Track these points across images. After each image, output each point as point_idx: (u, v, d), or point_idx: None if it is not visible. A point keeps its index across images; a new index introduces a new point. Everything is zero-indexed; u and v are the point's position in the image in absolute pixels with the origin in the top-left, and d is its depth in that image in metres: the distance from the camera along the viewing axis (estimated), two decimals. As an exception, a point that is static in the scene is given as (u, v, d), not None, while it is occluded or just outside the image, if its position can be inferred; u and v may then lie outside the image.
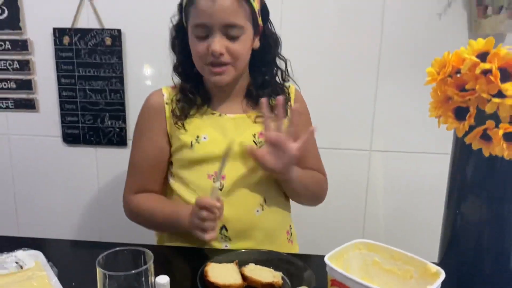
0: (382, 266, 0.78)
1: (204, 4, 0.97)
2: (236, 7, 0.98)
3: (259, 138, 1.09)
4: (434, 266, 0.72)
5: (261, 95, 1.09)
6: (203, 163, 1.07)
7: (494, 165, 0.73)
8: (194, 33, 1.01)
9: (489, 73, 0.64)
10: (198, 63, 1.05)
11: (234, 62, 1.02)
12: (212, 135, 1.07)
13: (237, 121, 1.10)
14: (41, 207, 1.78)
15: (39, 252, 0.91)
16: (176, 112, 1.08)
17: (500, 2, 1.41)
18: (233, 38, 1.00)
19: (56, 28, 1.60)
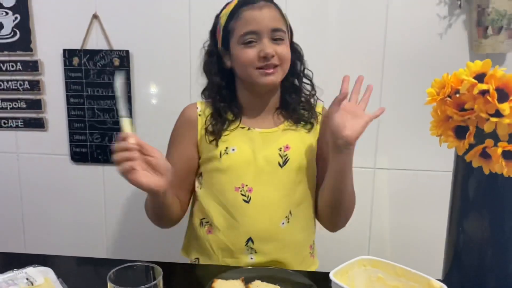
0: (386, 283, 0.79)
1: (251, 13, 1.07)
2: (279, 16, 1.10)
3: (284, 151, 1.13)
4: (437, 282, 0.73)
5: (292, 105, 1.17)
6: (230, 174, 1.11)
7: (494, 182, 0.75)
8: (242, 42, 1.08)
9: (486, 94, 0.66)
10: (246, 70, 1.09)
11: (281, 64, 1.09)
12: (241, 147, 1.12)
13: (265, 135, 1.15)
14: (49, 225, 1.80)
15: (49, 268, 0.93)
16: (209, 130, 1.14)
17: (499, 22, 1.44)
18: (279, 42, 1.08)
19: (66, 49, 1.64)
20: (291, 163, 1.12)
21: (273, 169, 1.11)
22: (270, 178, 1.11)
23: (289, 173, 1.12)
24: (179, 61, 1.63)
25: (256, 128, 1.15)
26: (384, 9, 1.55)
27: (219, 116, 1.14)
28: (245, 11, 1.08)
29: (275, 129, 1.16)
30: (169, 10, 1.60)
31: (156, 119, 1.69)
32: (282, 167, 1.12)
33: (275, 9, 1.10)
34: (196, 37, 1.61)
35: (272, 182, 1.11)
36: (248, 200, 1.09)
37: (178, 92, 1.66)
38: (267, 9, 1.08)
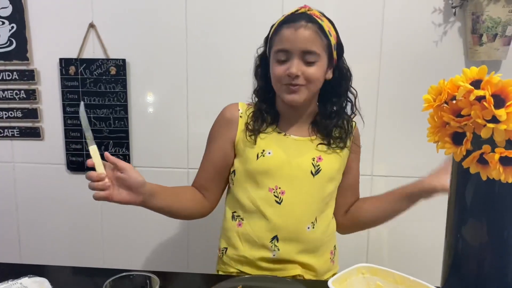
0: None
1: (287, 32, 1.11)
2: (314, 37, 1.11)
3: (317, 162, 1.18)
4: None
5: (327, 124, 1.21)
6: (265, 176, 1.16)
7: (492, 188, 0.74)
8: (275, 58, 1.13)
9: (483, 100, 0.66)
10: (276, 84, 1.16)
11: (307, 84, 1.13)
12: (276, 151, 1.17)
13: (299, 143, 1.20)
14: (45, 235, 1.79)
15: (44, 279, 0.92)
16: (250, 126, 1.19)
17: (494, 30, 1.45)
18: (309, 64, 1.11)
19: (63, 59, 1.64)
20: (323, 174, 1.18)
21: (305, 176, 1.17)
22: (302, 184, 1.17)
23: (320, 182, 1.18)
24: (175, 70, 1.64)
25: (291, 135, 1.21)
26: (380, 17, 1.56)
27: (260, 116, 1.20)
28: (283, 28, 1.12)
29: (307, 139, 1.21)
30: (165, 19, 1.61)
31: (152, 128, 1.69)
32: (314, 176, 1.17)
33: (313, 31, 1.11)
34: (193, 45, 1.62)
35: (303, 188, 1.17)
36: (280, 201, 1.15)
37: (175, 101, 1.66)
38: (303, 30, 1.10)
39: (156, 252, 1.74)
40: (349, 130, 1.24)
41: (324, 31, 1.13)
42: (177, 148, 1.70)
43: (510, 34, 1.46)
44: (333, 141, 1.21)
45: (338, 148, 1.22)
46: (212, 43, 1.62)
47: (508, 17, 1.44)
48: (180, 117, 1.67)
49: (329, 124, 1.21)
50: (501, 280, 0.79)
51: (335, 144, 1.21)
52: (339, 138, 1.22)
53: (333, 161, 1.21)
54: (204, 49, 1.62)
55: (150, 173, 1.71)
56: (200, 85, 1.64)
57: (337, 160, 1.22)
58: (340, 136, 1.22)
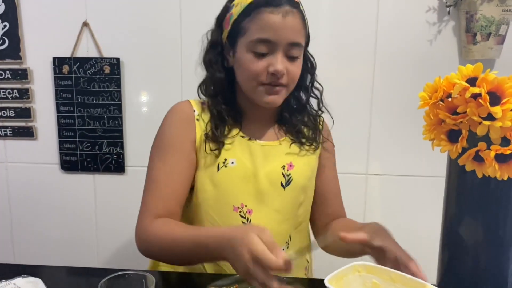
0: None
1: (273, 18, 0.90)
2: (301, 27, 0.94)
3: (288, 170, 1.02)
4: (432, 287, 0.72)
5: (295, 122, 1.05)
6: (229, 192, 0.99)
7: (488, 186, 0.75)
8: (252, 49, 0.93)
9: (479, 97, 0.66)
10: (249, 82, 0.96)
11: (288, 85, 0.97)
12: (241, 161, 0.99)
13: (267, 149, 1.03)
14: (39, 235, 1.77)
15: (38, 279, 0.91)
16: (210, 136, 0.99)
17: (488, 29, 1.46)
18: (293, 60, 0.95)
19: (56, 57, 1.63)
20: (295, 184, 1.02)
21: (275, 190, 1.00)
22: (271, 199, 1.00)
23: (291, 195, 1.02)
24: (170, 69, 1.63)
25: (257, 139, 1.03)
26: (374, 16, 1.56)
27: (221, 121, 1.00)
28: (265, 12, 0.91)
29: (276, 143, 1.04)
30: (159, 18, 1.60)
31: (147, 127, 1.68)
32: (285, 188, 1.01)
33: (299, 18, 0.93)
34: (187, 44, 1.61)
35: (273, 204, 1.00)
36: (248, 222, 0.98)
37: (169, 101, 1.64)
38: (292, 17, 0.91)
39: (151, 252, 1.73)
40: (318, 127, 1.09)
41: (305, 19, 0.97)
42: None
43: (503, 33, 1.47)
44: (306, 140, 1.06)
45: (311, 149, 1.06)
46: (207, 42, 1.61)
47: (501, 16, 1.45)
48: (175, 116, 1.66)
49: (297, 122, 1.05)
50: (496, 277, 0.79)
51: (308, 143, 1.06)
52: (309, 138, 1.07)
53: (305, 167, 1.05)
54: (199, 48, 1.61)
55: (144, 173, 1.70)
56: (195, 84, 1.63)
57: (310, 163, 1.07)
58: (311, 135, 1.07)
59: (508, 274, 0.80)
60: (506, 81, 0.66)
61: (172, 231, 0.90)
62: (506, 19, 1.45)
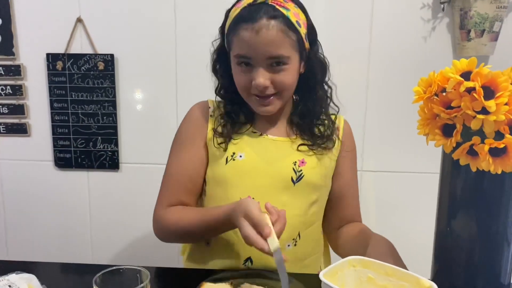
0: (377, 283, 0.79)
1: (247, 35, 0.91)
2: (281, 38, 0.92)
3: (299, 166, 1.01)
4: (427, 280, 0.73)
5: (306, 122, 1.05)
6: (235, 184, 1.00)
7: (481, 180, 0.75)
8: (237, 63, 0.97)
9: (473, 91, 0.66)
10: (242, 93, 1.00)
11: (280, 92, 0.97)
12: (250, 154, 1.01)
13: (278, 144, 1.03)
14: (32, 231, 1.77)
15: (32, 275, 0.90)
16: (219, 131, 1.03)
17: (482, 25, 1.46)
18: (278, 70, 0.94)
19: (50, 54, 1.62)
20: (306, 181, 1.01)
21: (285, 185, 1.00)
22: (280, 195, 1.00)
23: (302, 191, 1.02)
24: (165, 65, 1.62)
25: (269, 134, 1.04)
26: (369, 13, 1.56)
27: (230, 118, 1.04)
28: (241, 28, 0.92)
29: (288, 139, 1.05)
30: (154, 14, 1.59)
31: (141, 124, 1.68)
32: (295, 184, 1.01)
33: (278, 30, 0.91)
34: (182, 41, 1.61)
35: (282, 200, 1.00)
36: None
37: (164, 97, 1.65)
38: (266, 31, 0.90)
39: (146, 247, 1.72)
40: (333, 126, 1.08)
41: (292, 24, 0.93)
42: (166, 145, 1.67)
43: (497, 29, 1.48)
44: (317, 141, 1.04)
45: (323, 149, 1.04)
46: (202, 39, 1.61)
47: (495, 13, 1.45)
48: (170, 113, 1.65)
49: (308, 122, 1.05)
50: (490, 272, 0.80)
51: (319, 144, 1.04)
52: (323, 137, 1.05)
53: (318, 165, 1.04)
54: (193, 44, 1.61)
55: (139, 170, 1.70)
56: (189, 80, 1.63)
57: (324, 163, 1.05)
58: (324, 134, 1.05)
59: (501, 267, 0.80)
60: (500, 75, 0.66)
61: (184, 215, 1.00)
62: (500, 16, 1.46)
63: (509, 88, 0.65)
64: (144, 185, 1.69)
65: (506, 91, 0.65)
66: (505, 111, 0.65)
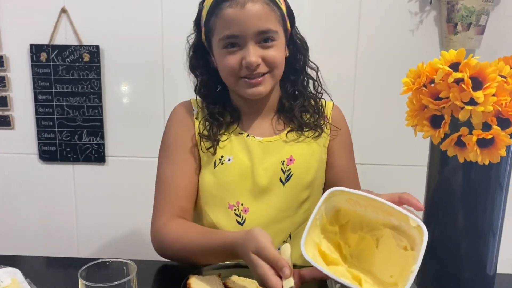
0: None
1: (232, 12, 0.88)
2: (267, 11, 0.90)
3: (287, 165, 0.99)
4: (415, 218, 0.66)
5: (293, 107, 1.02)
6: (224, 189, 0.99)
7: (469, 171, 0.75)
8: (223, 46, 0.92)
9: (461, 82, 0.66)
10: (229, 78, 0.96)
11: (271, 70, 0.94)
12: (238, 157, 0.99)
13: (265, 145, 1.01)
14: (17, 225, 1.74)
15: (16, 269, 0.89)
16: (205, 134, 1.00)
17: (468, 19, 1.47)
18: (268, 46, 0.92)
19: (33, 45, 1.59)
20: (295, 179, 1.00)
21: (273, 186, 0.99)
22: (269, 196, 0.99)
23: (292, 191, 1.00)
24: (151, 57, 1.61)
25: (255, 135, 1.02)
26: (357, 6, 1.56)
27: (214, 120, 1.00)
28: (225, 8, 0.89)
29: (276, 138, 1.02)
30: (141, 4, 1.57)
31: (128, 117, 1.66)
32: (284, 184, 0.99)
33: (262, 2, 0.90)
34: (169, 32, 1.59)
35: (271, 202, 0.98)
36: (242, 222, 0.98)
37: (151, 90, 1.63)
38: (251, 5, 0.88)
39: (132, 241, 1.71)
40: (320, 110, 1.05)
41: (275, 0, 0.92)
42: (152, 138, 1.66)
43: (483, 23, 1.49)
44: (305, 126, 1.02)
45: (312, 137, 1.02)
46: (189, 30, 1.59)
47: (481, 6, 1.46)
48: (156, 105, 1.64)
49: (294, 106, 1.02)
50: (476, 263, 0.81)
51: (308, 129, 1.02)
52: (311, 123, 1.03)
53: (306, 160, 1.02)
54: (180, 36, 1.59)
55: (125, 163, 1.68)
56: (176, 73, 1.62)
57: (313, 155, 1.03)
58: (312, 121, 1.03)
59: (487, 259, 0.81)
60: (488, 66, 0.66)
61: (185, 233, 0.93)
62: (486, 10, 1.47)
63: (497, 79, 0.65)
64: (130, 179, 1.68)
65: (494, 82, 0.65)
66: (493, 102, 0.65)
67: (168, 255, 0.98)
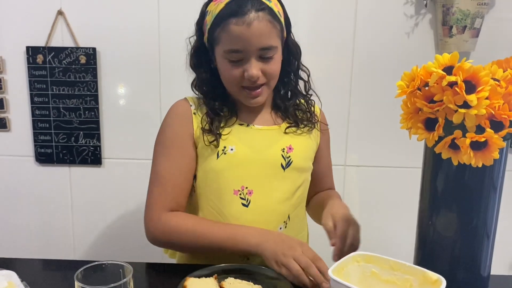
0: (381, 277, 0.78)
1: (239, 30, 0.94)
2: (270, 29, 0.97)
3: (287, 153, 1.06)
4: (434, 274, 0.72)
5: (287, 106, 1.10)
6: (229, 176, 1.03)
7: (463, 174, 0.76)
8: (227, 58, 0.98)
9: (455, 85, 0.67)
10: (232, 87, 1.03)
11: (268, 82, 1.02)
12: (240, 147, 1.04)
13: (265, 133, 1.08)
14: (13, 228, 1.73)
15: (12, 272, 0.89)
16: (207, 129, 1.04)
17: (463, 22, 1.48)
18: (267, 60, 0.99)
19: (30, 47, 1.59)
20: (294, 165, 1.07)
21: (275, 171, 1.05)
22: (271, 180, 1.05)
23: (291, 176, 1.07)
24: (148, 59, 1.61)
25: (256, 124, 1.08)
26: (353, 8, 1.57)
27: (215, 115, 1.05)
28: (232, 24, 0.94)
29: (275, 127, 1.09)
30: (137, 6, 1.57)
31: (124, 119, 1.66)
32: (285, 170, 1.06)
33: (267, 21, 0.95)
34: (166, 34, 1.59)
35: (273, 185, 1.05)
36: (248, 203, 1.03)
37: (147, 92, 1.63)
38: (257, 23, 0.94)
39: (128, 243, 1.71)
40: (311, 109, 1.14)
41: (276, 15, 0.98)
42: (149, 140, 1.65)
43: (478, 26, 1.50)
44: (300, 122, 1.11)
45: (307, 130, 1.11)
46: (186, 33, 1.59)
47: (476, 9, 1.47)
48: (153, 107, 1.64)
49: (288, 106, 1.10)
50: (470, 264, 0.81)
51: (303, 125, 1.11)
52: (305, 119, 1.12)
53: (304, 150, 1.11)
54: (177, 38, 1.59)
55: (122, 165, 1.68)
56: (173, 75, 1.62)
57: (308, 146, 1.12)
58: (305, 117, 1.12)
59: (481, 261, 0.81)
60: (481, 70, 0.67)
61: (183, 221, 1.00)
62: (481, 13, 1.48)
63: (490, 82, 0.66)
64: (127, 181, 1.68)
65: (487, 85, 0.66)
66: (486, 105, 0.66)
67: (163, 243, 1.04)
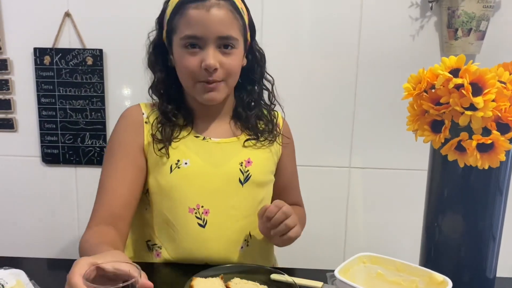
0: (387, 278, 0.79)
1: (197, 14, 0.90)
2: (231, 18, 0.93)
3: (246, 167, 1.01)
4: (440, 275, 0.73)
5: (248, 116, 1.05)
6: (183, 193, 0.98)
7: (469, 176, 0.76)
8: (184, 46, 0.93)
9: (461, 88, 0.67)
10: (187, 81, 0.97)
11: (227, 78, 0.95)
12: (195, 160, 0.98)
13: (223, 146, 1.02)
14: (20, 227, 1.74)
15: (20, 271, 0.89)
16: (158, 137, 0.98)
17: (469, 24, 1.48)
18: (227, 52, 0.94)
19: (37, 48, 1.60)
20: (253, 180, 1.02)
21: (233, 187, 1.00)
22: (229, 197, 1.00)
23: (250, 191, 1.02)
24: (154, 61, 1.61)
25: (212, 137, 1.02)
26: (358, 11, 1.57)
27: (168, 120, 0.99)
28: (190, 8, 0.91)
29: (233, 139, 1.04)
30: (143, 8, 1.58)
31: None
32: (243, 185, 1.01)
33: (228, 10, 0.92)
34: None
35: (231, 202, 1.00)
36: (204, 224, 0.98)
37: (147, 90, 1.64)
38: (217, 10, 0.90)
39: (134, 245, 1.72)
40: (273, 120, 1.08)
41: (238, 8, 0.95)
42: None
43: (484, 28, 1.50)
44: (261, 134, 1.05)
45: (267, 142, 1.05)
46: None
47: (482, 12, 1.47)
48: (159, 108, 1.64)
49: (251, 116, 1.04)
50: (476, 266, 0.81)
51: (264, 137, 1.05)
52: (266, 131, 1.06)
53: (263, 163, 1.05)
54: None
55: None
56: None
57: (268, 159, 1.06)
58: (266, 129, 1.06)
59: (487, 263, 0.82)
60: (488, 72, 0.67)
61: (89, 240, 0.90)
62: (486, 15, 1.48)
63: (497, 85, 0.67)
64: (132, 181, 1.68)
65: (493, 88, 0.66)
66: (492, 108, 0.66)
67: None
